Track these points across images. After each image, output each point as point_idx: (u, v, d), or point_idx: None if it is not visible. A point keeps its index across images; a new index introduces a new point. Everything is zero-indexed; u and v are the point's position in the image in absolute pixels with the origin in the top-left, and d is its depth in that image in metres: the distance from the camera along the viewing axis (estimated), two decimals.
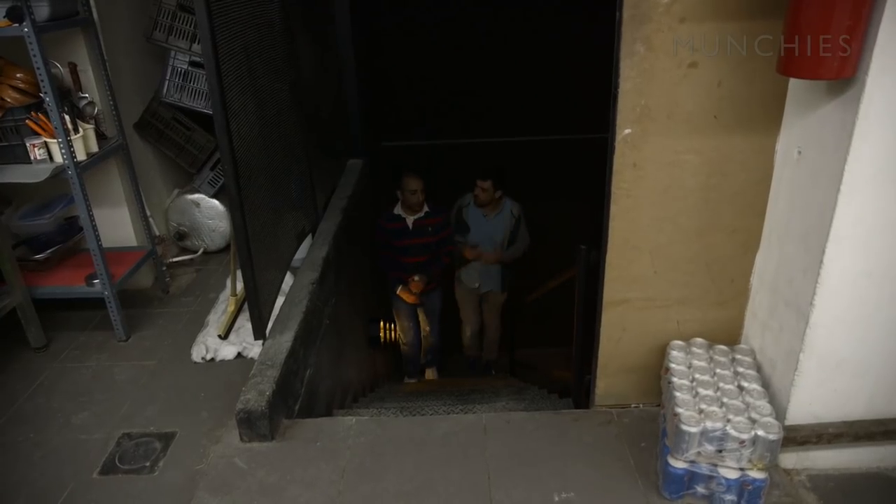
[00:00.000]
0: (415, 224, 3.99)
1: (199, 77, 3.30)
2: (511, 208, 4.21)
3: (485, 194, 4.03)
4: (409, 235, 4.01)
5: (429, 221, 4.02)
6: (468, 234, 4.24)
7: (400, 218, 4.00)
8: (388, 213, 4.06)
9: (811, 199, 1.71)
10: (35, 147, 2.67)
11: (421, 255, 4.09)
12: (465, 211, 4.25)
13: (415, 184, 3.88)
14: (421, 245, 4.05)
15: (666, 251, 1.99)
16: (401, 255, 4.10)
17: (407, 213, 3.97)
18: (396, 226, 4.00)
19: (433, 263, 4.16)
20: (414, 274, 4.10)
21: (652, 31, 1.71)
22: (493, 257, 4.27)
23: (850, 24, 1.39)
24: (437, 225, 4.07)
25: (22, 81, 2.68)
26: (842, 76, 1.47)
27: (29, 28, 2.38)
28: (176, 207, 3.62)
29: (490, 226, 4.21)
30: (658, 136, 1.81)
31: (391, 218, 4.03)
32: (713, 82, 1.77)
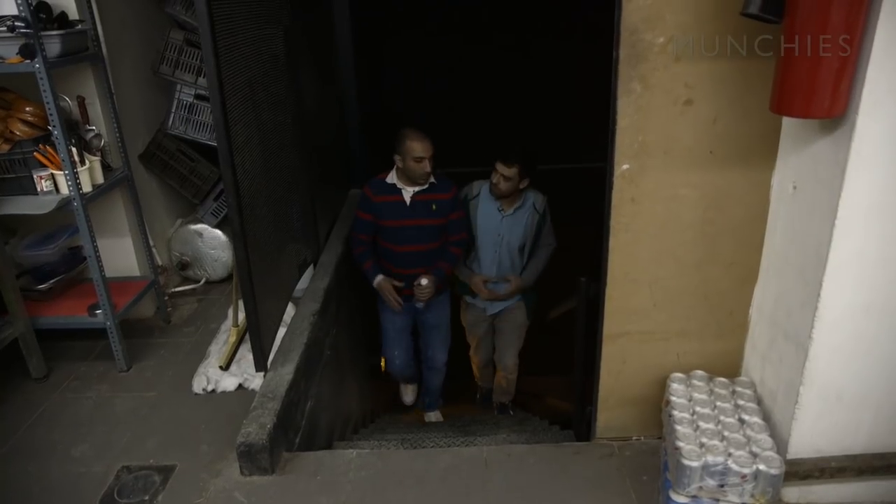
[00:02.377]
0: (414, 199, 3.03)
1: (204, 110, 3.36)
2: (534, 201, 3.25)
3: (507, 184, 3.07)
4: (406, 214, 3.04)
5: (434, 197, 3.05)
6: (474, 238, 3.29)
7: (395, 189, 3.03)
8: (377, 181, 3.08)
9: (807, 233, 1.73)
10: (42, 179, 2.70)
11: (420, 243, 3.11)
12: (473, 204, 3.28)
13: (423, 148, 2.89)
14: (421, 230, 3.08)
15: (665, 284, 2.01)
16: (391, 241, 3.12)
17: (405, 184, 3.02)
18: (388, 199, 3.04)
19: (437, 257, 3.16)
20: (407, 268, 3.12)
21: (648, 70, 1.75)
22: (513, 289, 3.35)
23: (839, 65, 1.43)
24: (443, 203, 3.08)
25: (31, 115, 2.72)
26: (832, 115, 1.50)
27: (40, 64, 2.43)
28: (179, 237, 3.65)
29: (506, 224, 3.24)
30: (656, 172, 1.85)
31: (382, 188, 3.05)
32: (709, 119, 1.81)
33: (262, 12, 2.62)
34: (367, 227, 3.14)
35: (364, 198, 3.11)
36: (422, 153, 2.90)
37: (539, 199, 3.28)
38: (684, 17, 1.71)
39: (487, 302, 3.47)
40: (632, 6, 1.70)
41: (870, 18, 1.41)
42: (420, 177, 2.97)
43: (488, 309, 3.51)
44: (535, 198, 3.27)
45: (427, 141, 2.91)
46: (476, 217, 3.29)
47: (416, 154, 2.90)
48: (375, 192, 3.07)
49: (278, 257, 2.76)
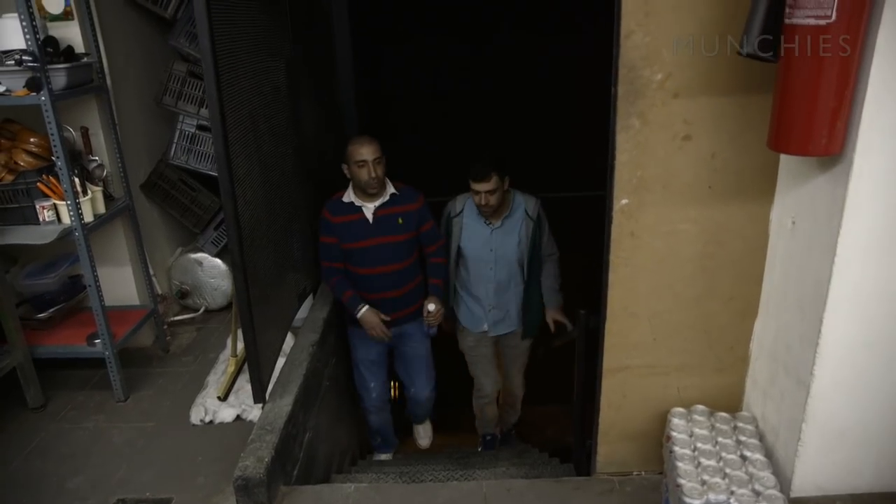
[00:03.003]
0: (377, 215, 2.74)
1: (205, 140, 3.38)
2: (525, 205, 2.95)
3: (495, 196, 2.80)
4: (370, 233, 2.75)
5: (398, 209, 2.77)
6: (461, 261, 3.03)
7: (353, 207, 2.74)
8: (334, 201, 2.79)
9: (807, 269, 1.73)
10: (44, 209, 2.72)
11: (391, 263, 2.80)
12: (457, 223, 2.99)
13: (365, 150, 2.62)
14: (389, 248, 2.78)
15: (665, 318, 2.00)
16: (359, 264, 2.81)
17: (363, 200, 2.74)
18: (348, 219, 2.75)
19: (413, 275, 2.89)
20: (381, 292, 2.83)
21: (646, 107, 1.77)
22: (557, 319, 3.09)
23: (835, 105, 1.44)
24: (410, 215, 2.79)
25: (35, 146, 2.75)
26: (830, 153, 1.51)
27: (46, 97, 2.46)
28: (179, 266, 3.66)
29: (498, 238, 2.95)
30: (655, 207, 1.85)
31: (340, 208, 2.76)
32: (707, 154, 1.82)
33: (265, 45, 2.66)
34: (333, 253, 2.82)
35: (323, 221, 2.80)
36: (364, 156, 2.60)
37: (531, 203, 2.95)
38: (681, 55, 1.72)
39: (491, 322, 3.12)
40: (630, 44, 1.72)
41: (864, 61, 1.43)
42: (368, 185, 2.66)
43: (491, 330, 3.14)
44: (525, 202, 2.94)
45: (370, 144, 2.64)
46: (462, 237, 2.99)
47: (358, 158, 2.62)
48: (333, 212, 2.77)
49: (278, 287, 2.76)
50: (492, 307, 3.10)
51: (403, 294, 2.90)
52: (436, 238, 2.95)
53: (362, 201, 2.75)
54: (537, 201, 3.00)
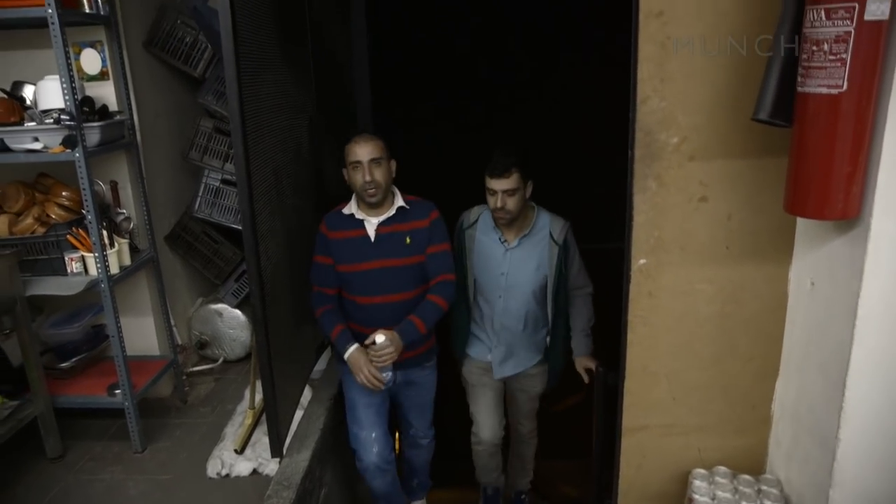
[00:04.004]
0: (381, 232, 2.37)
1: (229, 194, 3.47)
2: (550, 226, 2.55)
3: (513, 199, 2.42)
4: (370, 253, 2.37)
5: (407, 226, 2.39)
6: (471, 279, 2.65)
7: (354, 221, 2.39)
8: (333, 213, 2.46)
9: (827, 330, 1.72)
10: (73, 261, 2.79)
11: (392, 292, 2.40)
12: (470, 235, 2.60)
13: (361, 149, 2.30)
14: (392, 273, 2.38)
15: (684, 377, 1.99)
16: (353, 291, 2.43)
17: (366, 213, 2.38)
18: (347, 234, 2.39)
19: (416, 309, 2.39)
20: (376, 327, 2.31)
21: (663, 169, 1.80)
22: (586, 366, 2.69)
23: (850, 170, 1.47)
24: (420, 234, 2.39)
25: (67, 199, 2.84)
26: (846, 217, 1.53)
27: (80, 154, 2.55)
28: (199, 316, 3.70)
29: (512, 261, 2.56)
30: (672, 267, 1.87)
31: (338, 221, 2.42)
32: (724, 215, 1.84)
33: (289, 103, 2.75)
34: (327, 276, 2.42)
35: (319, 236, 2.43)
36: (359, 156, 2.27)
37: (557, 224, 2.53)
38: (697, 119, 1.78)
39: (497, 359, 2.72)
40: (646, 108, 1.77)
41: (877, 127, 1.46)
42: (363, 191, 2.30)
43: (496, 371, 2.75)
44: (551, 223, 2.53)
45: (367, 142, 2.29)
46: (474, 252, 2.58)
47: (352, 158, 2.29)
48: (331, 225, 2.40)
49: (297, 340, 2.79)
50: (497, 342, 2.71)
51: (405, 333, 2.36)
52: (443, 267, 2.40)
53: (365, 214, 2.37)
54: (566, 224, 2.57)
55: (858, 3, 1.35)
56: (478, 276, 2.67)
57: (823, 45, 1.41)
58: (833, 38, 1.39)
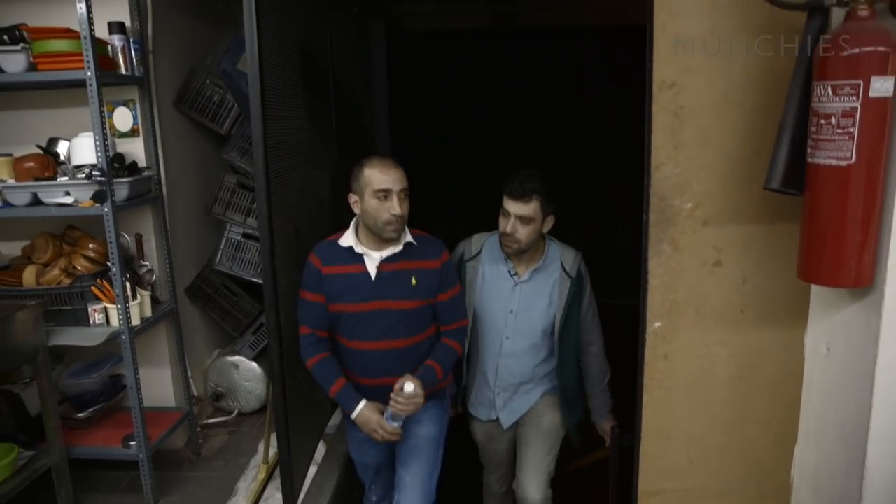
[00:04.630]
0: (383, 270, 2.10)
1: (250, 248, 3.54)
2: (562, 257, 2.34)
3: (527, 230, 2.22)
4: (370, 293, 2.10)
5: (413, 265, 2.13)
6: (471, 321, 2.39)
7: (353, 255, 2.11)
8: (327, 244, 2.18)
9: (846, 396, 1.72)
10: (95, 312, 2.85)
11: (392, 338, 2.13)
12: (472, 268, 2.37)
13: (392, 176, 2.03)
14: (395, 316, 2.12)
15: (701, 442, 1.98)
16: (347, 335, 2.16)
17: (368, 246, 2.11)
18: (344, 270, 2.12)
19: (421, 358, 2.19)
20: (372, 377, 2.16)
21: (677, 234, 1.84)
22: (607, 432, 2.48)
23: (861, 239, 1.49)
24: (428, 275, 2.15)
25: (93, 251, 2.92)
26: (860, 285, 1.55)
27: (109, 208, 2.64)
28: (215, 368, 3.72)
29: (521, 296, 2.34)
30: (687, 330, 1.88)
31: (334, 254, 2.14)
32: (738, 279, 1.87)
33: (313, 161, 2.84)
34: (318, 317, 2.14)
35: (309, 269, 2.13)
36: (389, 184, 2.00)
37: (569, 255, 2.32)
38: (710, 185, 1.82)
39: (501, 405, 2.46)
40: (660, 175, 1.82)
41: (887, 196, 1.49)
42: (387, 226, 2.02)
43: (503, 419, 2.47)
44: (563, 254, 2.32)
45: (396, 168, 2.04)
46: (476, 286, 2.33)
47: (380, 185, 2.00)
48: (325, 259, 2.12)
49: (313, 395, 2.79)
50: (501, 389, 2.44)
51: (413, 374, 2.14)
52: (456, 314, 2.24)
53: (366, 248, 2.10)
54: (578, 254, 2.36)
55: (863, 81, 1.40)
56: (480, 315, 2.38)
57: (831, 119, 1.46)
58: (840, 113, 1.44)
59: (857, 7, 1.44)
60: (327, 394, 2.18)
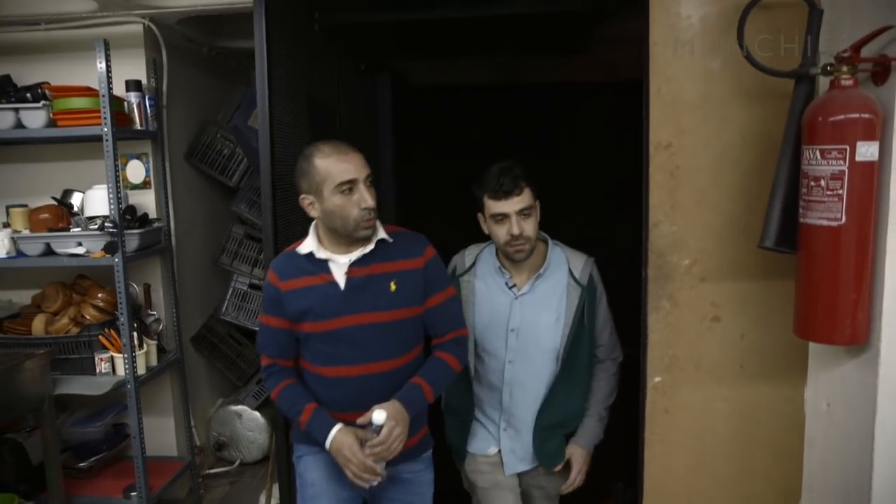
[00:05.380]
0: (353, 276, 1.75)
1: (256, 298, 3.58)
2: (570, 262, 2.03)
3: (531, 224, 1.94)
4: (340, 306, 1.75)
5: (388, 267, 1.77)
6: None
7: (316, 264, 1.77)
8: (285, 256, 1.84)
9: (847, 454, 1.72)
10: (102, 361, 2.88)
11: (371, 360, 1.76)
12: (467, 284, 2.06)
13: (353, 164, 1.70)
14: (372, 332, 1.76)
15: (703, 497, 1.97)
16: (319, 360, 1.80)
17: (333, 250, 1.77)
18: (307, 283, 1.76)
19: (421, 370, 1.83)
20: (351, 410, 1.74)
21: (675, 289, 1.88)
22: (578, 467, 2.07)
23: (854, 297, 1.53)
24: (411, 277, 1.79)
25: (102, 301, 2.96)
26: (855, 343, 1.57)
27: (119, 259, 2.70)
28: (218, 417, 3.72)
29: (522, 310, 2.00)
30: (687, 385, 1.90)
31: (293, 266, 1.79)
32: (736, 335, 1.89)
33: None
34: (280, 344, 1.82)
35: (267, 290, 1.82)
36: (352, 173, 1.68)
37: (578, 260, 2.02)
38: (707, 243, 1.87)
39: (507, 447, 2.09)
40: (658, 232, 1.87)
41: (878, 256, 1.53)
42: (361, 224, 1.70)
43: (508, 467, 2.09)
44: (570, 259, 2.01)
45: (355, 153, 1.71)
46: (470, 304, 2.02)
47: (342, 177, 1.67)
48: (283, 273, 1.78)
49: None
50: (506, 425, 2.07)
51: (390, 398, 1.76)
52: (455, 321, 1.88)
53: (331, 252, 1.76)
54: (590, 259, 2.05)
55: (850, 146, 1.46)
56: (478, 337, 2.04)
57: (821, 181, 1.51)
58: (829, 176, 1.49)
59: (839, 76, 1.51)
60: (298, 425, 1.80)
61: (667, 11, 1.81)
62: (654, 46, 1.82)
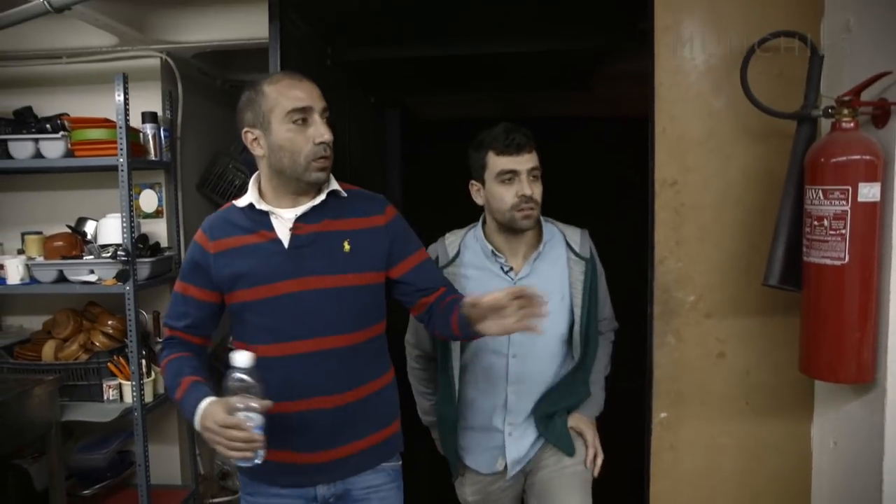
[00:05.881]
0: (300, 232, 1.47)
1: None
2: (567, 236, 1.82)
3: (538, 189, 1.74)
4: (283, 268, 1.45)
5: (341, 225, 1.50)
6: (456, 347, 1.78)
7: (257, 217, 1.49)
8: (221, 213, 1.54)
9: (854, 493, 1.72)
10: (110, 388, 2.89)
11: (322, 334, 1.46)
12: (451, 275, 1.78)
13: (304, 91, 1.44)
14: (320, 299, 1.45)
15: None
16: (255, 337, 1.47)
17: (277, 201, 1.49)
18: (240, 242, 1.47)
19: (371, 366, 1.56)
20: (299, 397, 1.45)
21: (681, 325, 1.90)
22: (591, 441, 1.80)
23: (859, 336, 1.54)
24: (369, 236, 1.52)
25: (112, 328, 2.99)
26: (861, 381, 1.59)
27: (130, 287, 2.73)
28: None
29: None
30: (693, 420, 1.91)
31: (229, 221, 1.50)
32: (742, 371, 1.90)
33: None
34: (190, 316, 1.52)
35: (191, 252, 1.52)
36: (304, 101, 1.42)
37: (574, 233, 1.83)
38: (711, 279, 1.89)
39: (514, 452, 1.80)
40: (663, 268, 1.90)
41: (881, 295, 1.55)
42: (313, 164, 1.43)
43: (511, 468, 1.81)
44: (566, 232, 1.82)
45: (310, 83, 1.47)
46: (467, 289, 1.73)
47: (294, 104, 1.41)
48: (213, 231, 1.49)
49: None
50: (511, 429, 1.80)
51: (350, 405, 1.49)
52: (437, 277, 1.64)
53: (274, 204, 1.48)
54: (584, 231, 1.86)
55: (852, 187, 1.49)
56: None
57: (824, 220, 1.54)
58: (832, 216, 1.52)
59: (841, 119, 1.54)
60: (175, 397, 1.45)
61: (672, 53, 1.87)
62: (659, 87, 1.87)
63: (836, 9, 1.74)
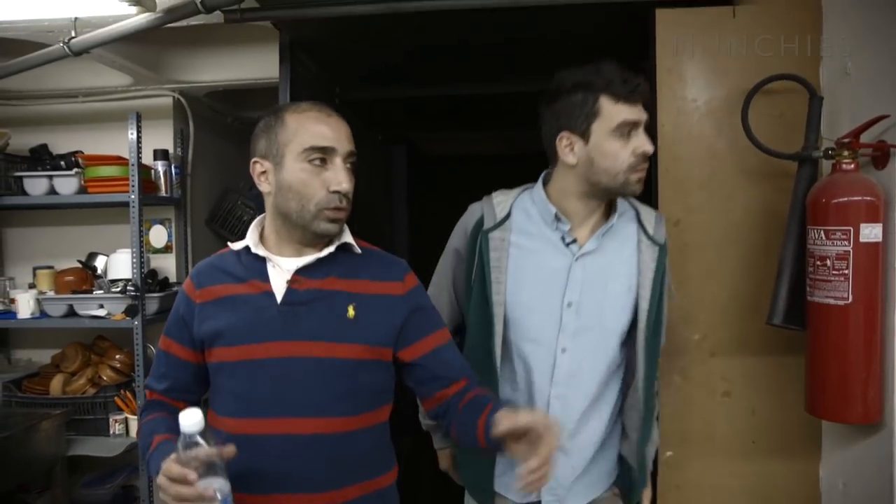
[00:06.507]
0: (297, 286, 1.24)
1: None
2: (641, 215, 1.48)
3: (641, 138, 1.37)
4: (272, 328, 1.22)
5: (351, 285, 1.26)
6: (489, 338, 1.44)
7: (252, 265, 1.27)
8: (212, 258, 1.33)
9: None
10: (116, 422, 2.89)
11: (319, 414, 1.20)
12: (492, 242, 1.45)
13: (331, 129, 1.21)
14: (311, 368, 1.20)
15: None
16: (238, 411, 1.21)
17: (277, 249, 1.27)
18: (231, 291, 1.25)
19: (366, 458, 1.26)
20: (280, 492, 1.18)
21: (687, 364, 1.89)
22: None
23: (864, 376, 1.54)
24: (381, 304, 1.27)
25: (119, 362, 3.00)
26: (868, 422, 1.58)
27: (139, 322, 2.76)
28: None
29: (592, 277, 1.43)
30: (699, 460, 1.89)
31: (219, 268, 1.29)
32: (748, 410, 1.90)
33: None
34: (171, 377, 1.33)
35: (178, 302, 1.34)
36: (328, 140, 1.21)
37: (649, 213, 1.51)
38: (715, 317, 1.90)
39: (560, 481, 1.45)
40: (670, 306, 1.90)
41: (886, 334, 1.55)
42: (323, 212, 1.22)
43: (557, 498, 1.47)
44: (642, 211, 1.50)
45: (339, 119, 1.25)
46: (504, 272, 1.44)
47: (314, 141, 1.21)
48: (201, 279, 1.30)
49: None
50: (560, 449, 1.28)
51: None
52: (461, 368, 1.34)
53: (275, 252, 1.28)
54: (661, 215, 1.55)
55: (853, 227, 1.50)
56: (514, 321, 1.46)
57: (826, 261, 1.55)
58: (835, 256, 1.54)
59: (841, 160, 1.57)
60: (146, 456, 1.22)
61: (674, 95, 1.90)
62: (661, 127, 1.90)
63: (834, 54, 1.77)
